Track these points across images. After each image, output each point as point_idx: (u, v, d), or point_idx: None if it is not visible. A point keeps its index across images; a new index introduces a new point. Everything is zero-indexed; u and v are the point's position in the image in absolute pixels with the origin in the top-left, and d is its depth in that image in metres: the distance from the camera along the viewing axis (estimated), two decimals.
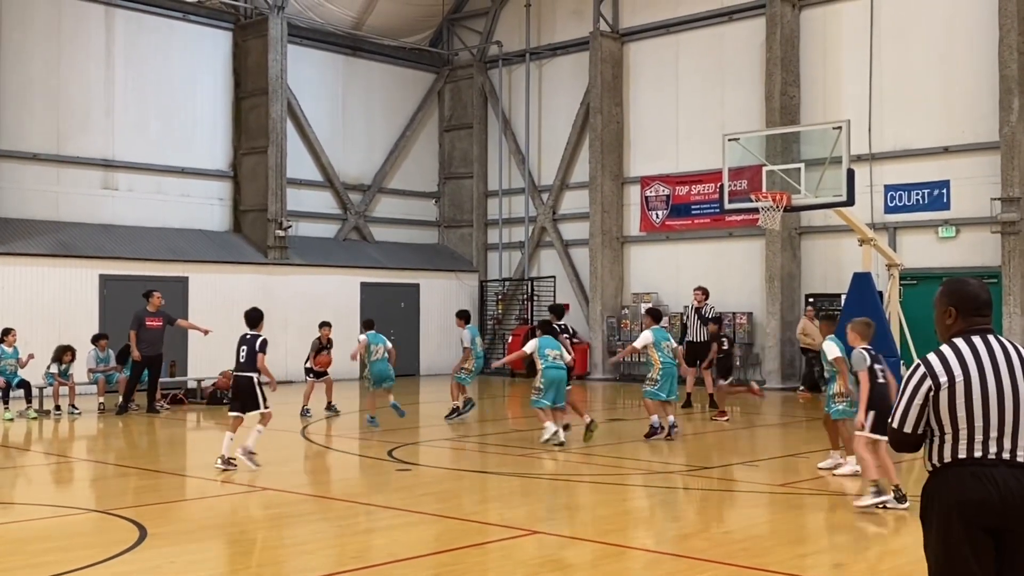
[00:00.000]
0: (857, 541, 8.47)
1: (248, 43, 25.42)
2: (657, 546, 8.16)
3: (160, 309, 18.34)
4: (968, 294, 4.25)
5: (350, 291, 26.00)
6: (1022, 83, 19.82)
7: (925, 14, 21.52)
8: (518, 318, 28.26)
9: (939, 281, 21.80)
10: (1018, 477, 3.99)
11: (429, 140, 30.07)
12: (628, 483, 11.14)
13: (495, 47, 29.27)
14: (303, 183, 26.66)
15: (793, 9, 23.25)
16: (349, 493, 10.25)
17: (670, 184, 25.44)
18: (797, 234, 23.14)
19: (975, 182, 20.64)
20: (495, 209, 29.38)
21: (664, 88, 25.65)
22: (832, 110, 22.18)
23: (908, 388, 4.16)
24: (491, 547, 8.03)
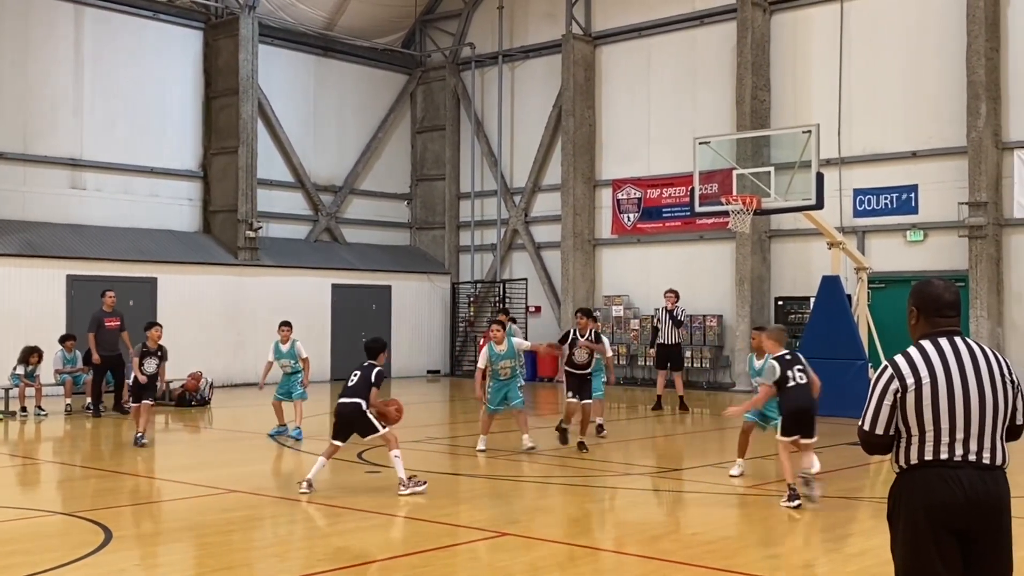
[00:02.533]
0: (825, 542, 8.53)
1: (219, 43, 25.26)
2: (626, 548, 8.17)
3: (115, 309, 18.23)
4: (931, 295, 4.27)
5: (321, 293, 25.90)
6: (990, 88, 20.04)
7: (894, 20, 21.72)
8: (490, 320, 28.17)
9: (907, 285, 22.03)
10: (984, 479, 4.02)
11: (401, 142, 30.01)
12: (598, 485, 11.15)
13: (468, 49, 29.25)
14: (274, 184, 26.53)
15: (764, 14, 23.40)
16: (318, 495, 10.19)
17: (641, 187, 25.53)
18: (767, 237, 23.28)
19: (943, 186, 20.84)
20: (467, 211, 29.36)
21: (636, 91, 25.74)
22: (802, 114, 22.33)
23: (876, 390, 4.17)
24: (460, 549, 8.02)
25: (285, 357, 14.61)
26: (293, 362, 14.61)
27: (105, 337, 17.80)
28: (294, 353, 14.59)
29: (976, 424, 4.05)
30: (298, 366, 14.63)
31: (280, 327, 14.89)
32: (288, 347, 14.62)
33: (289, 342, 14.65)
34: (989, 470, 4.05)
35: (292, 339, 14.71)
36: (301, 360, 14.62)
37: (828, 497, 10.29)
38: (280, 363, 14.65)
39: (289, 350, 14.61)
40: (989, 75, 20.02)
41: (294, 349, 14.61)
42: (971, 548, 4.03)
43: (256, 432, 15.27)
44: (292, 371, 14.60)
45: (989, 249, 19.99)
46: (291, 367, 14.60)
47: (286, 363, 14.61)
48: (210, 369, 21.08)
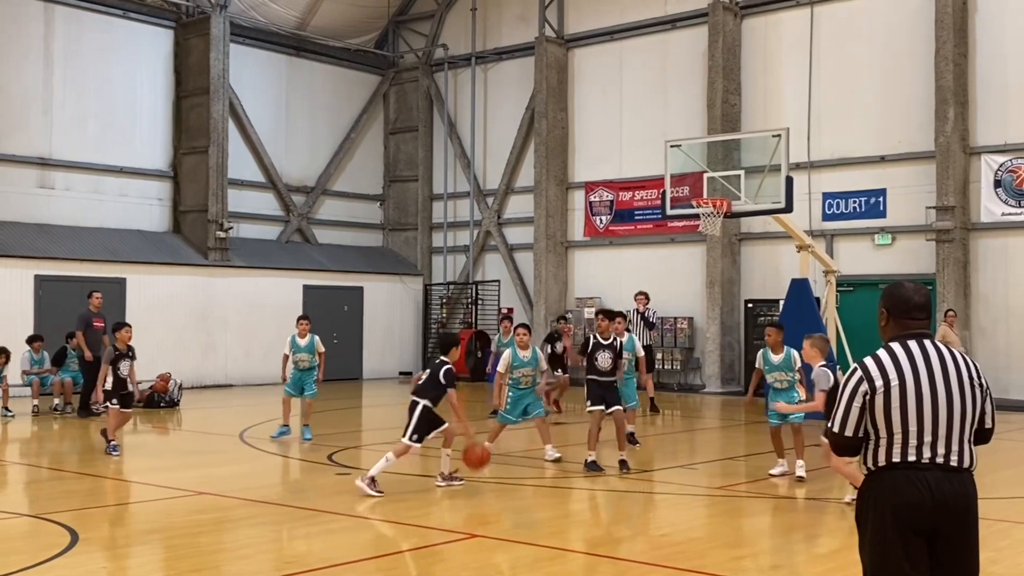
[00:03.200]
0: (793, 543, 8.59)
1: (189, 41, 25.11)
2: (595, 549, 8.20)
3: (100, 310, 18.14)
4: (899, 297, 4.29)
5: (292, 293, 25.78)
6: (957, 94, 20.27)
7: (864, 25, 21.92)
8: (462, 322, 28.24)
9: (875, 288, 22.27)
10: (951, 481, 4.06)
11: (374, 142, 29.95)
12: (568, 486, 11.18)
13: (441, 50, 29.24)
14: (245, 184, 26.40)
15: (735, 18, 23.55)
16: (287, 497, 10.16)
17: (614, 190, 25.62)
18: (737, 240, 23.42)
19: (911, 191, 21.06)
20: (440, 212, 29.35)
21: (608, 94, 25.83)
22: (772, 118, 22.48)
23: (846, 392, 4.20)
24: (432, 550, 8.02)
25: (303, 351, 14.28)
26: (311, 357, 14.31)
27: (93, 337, 17.72)
28: (312, 347, 14.29)
29: (944, 427, 4.08)
30: (315, 362, 14.34)
31: (299, 321, 14.59)
32: (307, 341, 14.29)
33: (308, 336, 14.32)
34: (956, 472, 4.08)
35: (311, 333, 14.41)
36: (318, 355, 14.36)
37: (796, 498, 10.38)
38: (296, 357, 14.29)
39: (308, 344, 14.29)
40: (957, 81, 20.25)
41: (312, 343, 14.31)
42: (938, 549, 4.06)
43: (226, 434, 15.19)
44: (308, 367, 14.32)
45: (956, 253, 20.21)
46: (308, 362, 14.32)
47: (304, 357, 14.28)
48: (179, 370, 20.96)
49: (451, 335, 10.91)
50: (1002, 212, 20.21)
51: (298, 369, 14.33)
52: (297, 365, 14.31)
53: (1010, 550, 7.90)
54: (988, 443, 4.28)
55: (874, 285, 20.86)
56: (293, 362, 14.33)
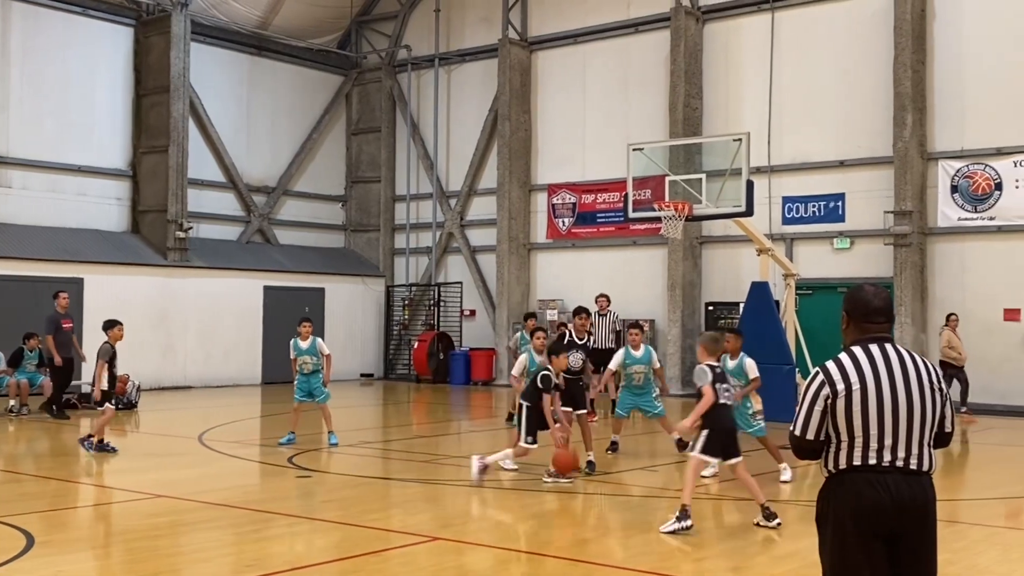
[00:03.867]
0: (753, 545, 8.65)
1: (150, 40, 24.87)
2: (558, 551, 8.21)
3: (68, 311, 17.99)
4: (859, 300, 4.31)
5: (253, 294, 25.61)
6: (916, 100, 20.54)
7: (824, 31, 22.16)
8: (424, 324, 28.20)
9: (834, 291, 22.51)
10: (911, 484, 4.09)
11: (336, 143, 29.83)
12: (531, 488, 11.19)
13: (404, 51, 29.18)
14: (205, 184, 26.18)
15: (697, 23, 23.70)
16: (247, 500, 10.08)
17: (576, 192, 25.69)
18: (698, 243, 23.57)
19: (869, 195, 21.30)
20: (402, 214, 29.27)
21: (571, 97, 25.90)
22: (733, 122, 22.66)
23: (808, 395, 4.22)
24: (392, 554, 7.99)
25: (306, 354, 14.08)
26: (315, 359, 14.10)
27: (63, 339, 17.50)
28: (315, 350, 14.11)
29: (904, 430, 4.11)
30: (319, 364, 14.15)
31: (301, 323, 14.38)
32: (308, 344, 14.10)
33: (309, 339, 14.14)
34: (916, 475, 4.12)
35: (312, 336, 14.25)
36: (324, 357, 14.19)
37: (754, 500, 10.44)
38: (300, 360, 14.09)
39: (310, 347, 14.10)
40: (915, 87, 20.52)
41: (315, 346, 14.14)
42: (897, 551, 4.10)
43: (185, 436, 15.05)
44: (313, 369, 14.10)
45: (914, 257, 20.47)
46: (313, 365, 14.09)
47: (307, 360, 14.07)
48: (138, 372, 20.71)
49: (558, 344, 11.22)
50: (959, 217, 20.50)
51: (303, 373, 14.12)
52: (301, 369, 14.11)
53: (965, 552, 8.01)
54: (947, 446, 4.32)
55: (833, 288, 21.09)
56: (298, 366, 14.14)
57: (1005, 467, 13.41)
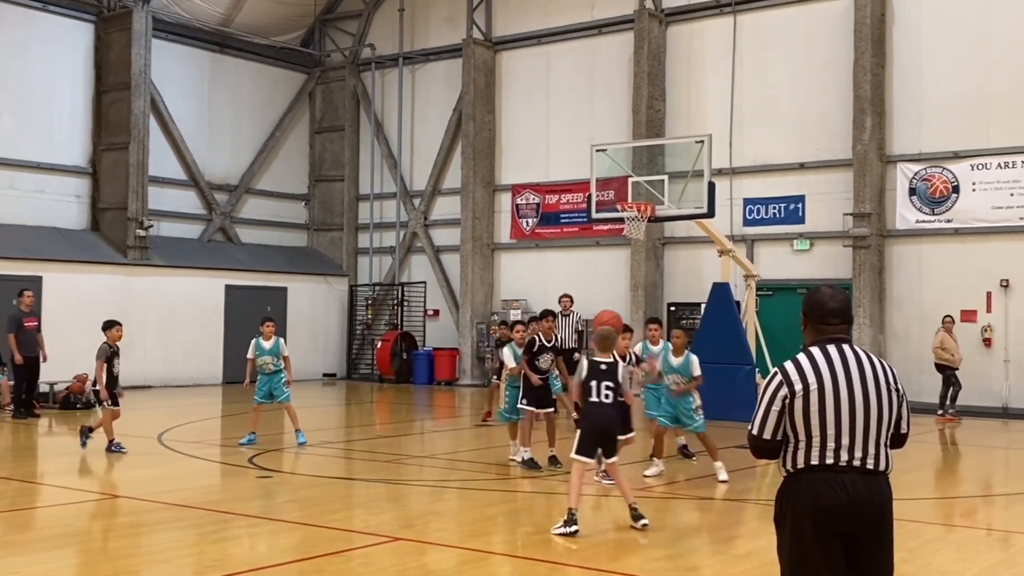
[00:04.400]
0: (711, 544, 8.73)
1: (111, 36, 24.62)
2: (518, 551, 8.25)
3: (32, 308, 17.78)
4: (816, 302, 4.36)
5: (214, 293, 25.43)
6: (875, 103, 20.79)
7: (785, 35, 22.37)
8: (388, 323, 28.14)
9: (794, 292, 22.69)
10: (867, 483, 4.13)
11: (299, 141, 29.68)
12: (493, 488, 11.22)
13: (368, 50, 29.10)
14: (166, 181, 25.96)
15: (660, 25, 23.84)
16: (207, 501, 10.02)
17: (540, 192, 25.76)
18: (660, 244, 23.72)
19: (829, 197, 21.54)
20: (366, 213, 29.20)
21: (536, 97, 25.96)
22: (696, 124, 22.82)
23: (766, 395, 4.25)
24: (353, 554, 7.98)
25: (268, 354, 13.93)
26: (275, 360, 13.97)
27: (25, 337, 17.28)
28: (277, 350, 13.97)
29: (861, 430, 4.14)
30: (279, 364, 14.00)
31: (264, 323, 14.22)
32: (271, 344, 13.96)
33: (272, 339, 14.01)
34: (872, 475, 4.15)
35: (276, 336, 14.12)
36: (283, 358, 14.04)
37: (715, 499, 10.55)
38: (261, 361, 13.92)
39: (273, 347, 13.96)
40: (875, 90, 20.77)
41: (278, 346, 14.00)
42: (855, 550, 4.14)
43: (144, 436, 14.92)
44: (275, 370, 13.96)
45: (872, 259, 20.72)
46: (273, 365, 13.96)
47: (268, 360, 13.92)
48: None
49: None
50: (916, 219, 20.79)
51: (264, 373, 13.98)
52: (262, 369, 13.98)
53: (920, 550, 8.13)
54: (903, 447, 4.36)
55: (793, 289, 21.30)
56: (258, 366, 13.99)
57: (960, 466, 13.62)
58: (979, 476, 12.95)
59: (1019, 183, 19.74)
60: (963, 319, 19.92)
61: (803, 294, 4.58)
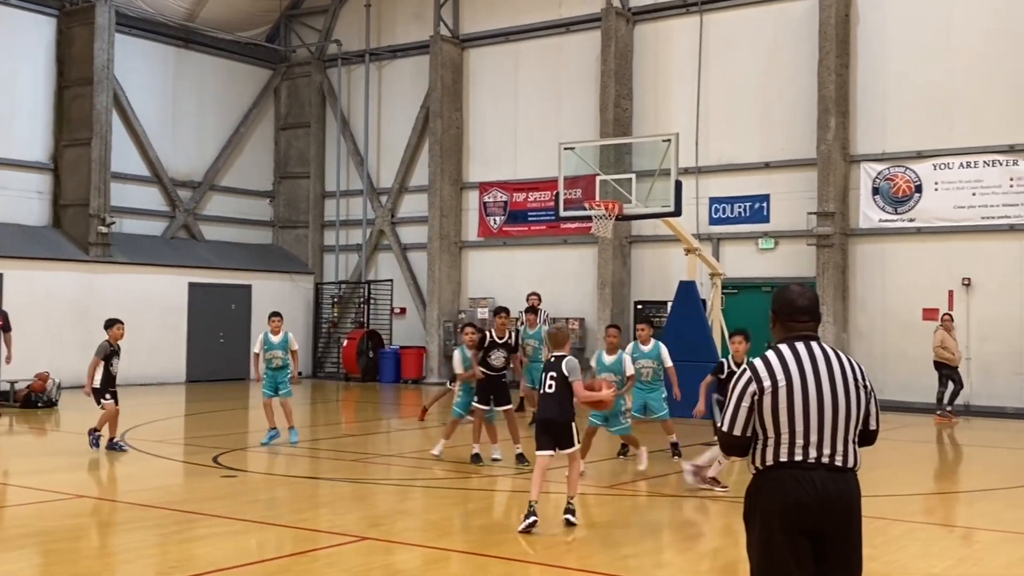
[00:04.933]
0: (679, 542, 8.76)
1: (73, 30, 24.29)
2: (485, 549, 8.22)
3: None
4: (784, 300, 4.38)
5: (177, 292, 25.17)
6: (839, 104, 20.96)
7: (750, 35, 22.49)
8: (354, 322, 28.01)
9: (759, 290, 22.83)
10: (835, 480, 4.15)
11: (264, 138, 29.46)
12: (459, 487, 11.19)
13: (334, 46, 28.94)
14: (129, 178, 25.67)
15: (627, 24, 23.89)
16: (171, 500, 9.91)
17: (508, 190, 25.73)
18: (628, 242, 23.77)
19: (793, 197, 21.68)
20: (332, 210, 29.04)
21: (503, 95, 25.93)
22: (663, 123, 22.89)
23: (736, 392, 4.26)
24: (319, 554, 7.92)
25: (276, 348, 13.82)
26: (284, 354, 13.86)
27: None
28: (286, 344, 13.87)
29: (829, 427, 4.16)
30: (288, 359, 13.91)
31: (271, 317, 14.15)
32: (280, 338, 13.86)
33: (281, 333, 13.91)
34: (841, 472, 4.17)
35: (284, 330, 14.04)
36: (291, 352, 13.94)
37: (682, 496, 10.59)
38: (270, 355, 13.81)
39: (281, 341, 13.86)
40: (839, 90, 20.93)
41: (287, 340, 13.91)
42: (823, 547, 4.15)
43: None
44: (282, 364, 13.85)
45: (836, 257, 20.89)
46: (282, 360, 13.85)
47: (277, 355, 13.81)
48: (58, 369, 20.25)
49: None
50: (879, 219, 20.98)
51: (271, 368, 13.86)
52: (270, 363, 13.87)
53: (886, 547, 8.20)
54: (873, 444, 4.37)
55: (758, 288, 21.43)
56: (266, 360, 13.88)
57: (925, 463, 13.76)
58: (944, 473, 13.09)
59: (981, 183, 19.98)
60: (925, 317, 20.12)
61: (768, 292, 4.60)
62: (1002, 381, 19.69)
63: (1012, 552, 8.27)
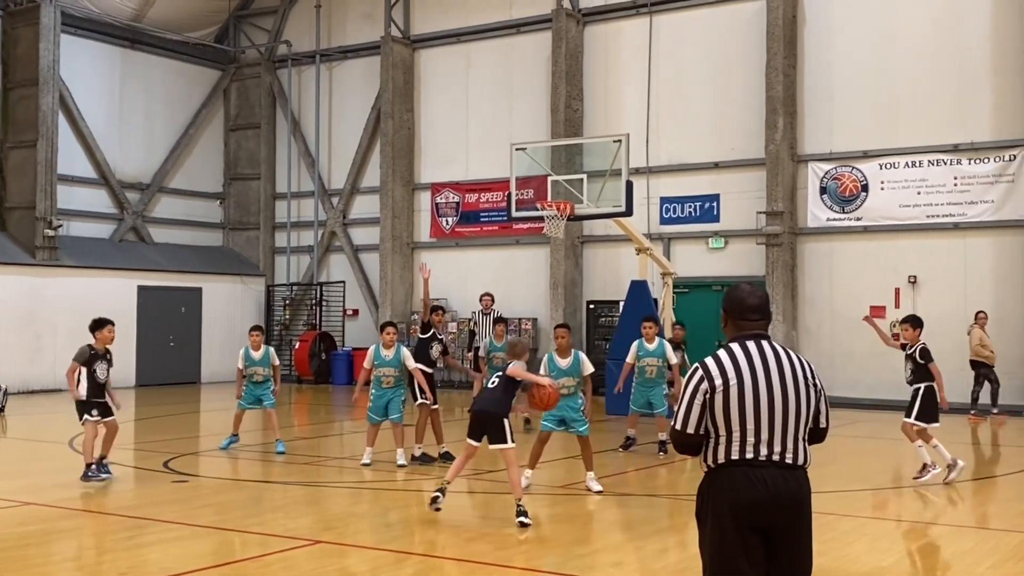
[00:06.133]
0: (633, 540, 8.82)
1: (17, 31, 23.91)
2: (440, 551, 8.23)
3: None
4: (734, 299, 4.43)
5: (126, 295, 24.85)
6: (787, 104, 21.22)
7: (700, 36, 22.68)
8: (306, 323, 27.84)
9: (709, 289, 22.99)
10: (786, 478, 4.20)
11: (214, 139, 29.18)
12: (413, 489, 11.18)
13: (284, 47, 28.74)
14: (75, 180, 25.31)
15: (577, 25, 23.99)
16: (121, 506, 9.80)
17: (460, 191, 25.73)
18: (580, 243, 23.87)
19: (743, 196, 21.91)
20: (283, 212, 28.84)
21: (455, 96, 25.92)
22: (613, 124, 23.03)
23: (688, 390, 4.30)
24: (272, 559, 7.87)
25: (258, 364, 13.69)
26: (266, 370, 13.73)
27: None
28: (268, 360, 13.75)
29: (780, 425, 4.21)
30: (270, 374, 13.77)
31: (251, 332, 13.93)
32: (261, 354, 13.75)
33: (262, 349, 13.80)
34: (791, 469, 4.23)
35: (264, 345, 13.91)
36: (273, 367, 13.80)
37: (634, 495, 10.66)
38: (251, 371, 13.68)
39: (263, 357, 13.74)
40: (786, 91, 21.19)
41: (268, 355, 13.79)
42: (774, 543, 4.20)
43: (54, 441, 14.54)
44: (263, 379, 13.74)
45: (785, 256, 21.14)
46: (263, 375, 13.74)
47: (259, 371, 13.69)
48: (4, 375, 19.94)
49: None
50: (827, 218, 21.27)
51: (252, 383, 13.75)
52: (251, 378, 13.74)
53: (835, 542, 8.32)
54: (823, 441, 4.43)
55: (708, 287, 21.63)
56: (247, 375, 13.76)
57: (872, 459, 13.97)
58: (893, 468, 13.30)
59: (926, 182, 20.33)
60: (872, 315, 20.36)
61: (719, 291, 4.66)
62: (947, 377, 19.97)
63: (957, 545, 8.44)
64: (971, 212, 19.91)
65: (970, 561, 7.78)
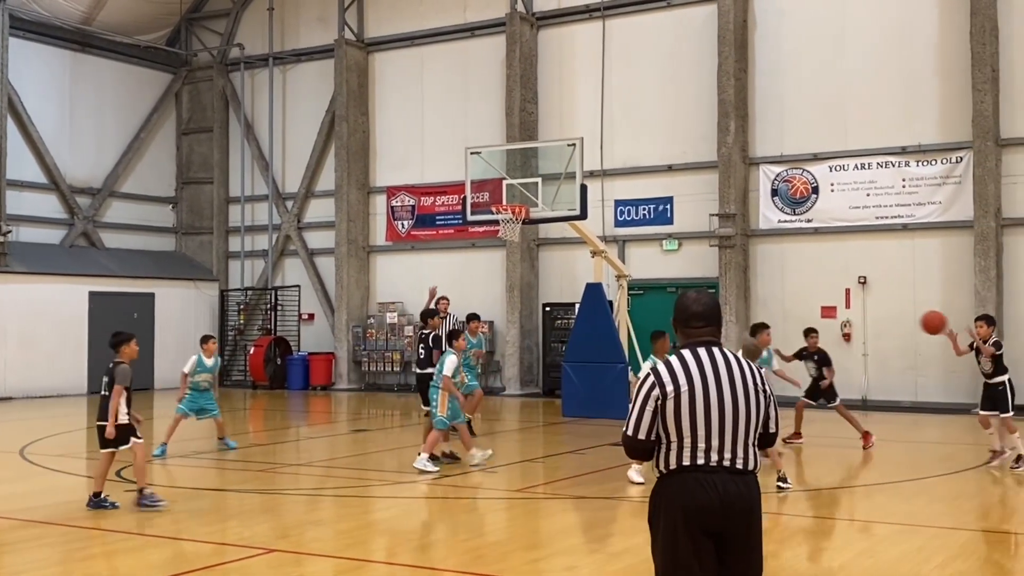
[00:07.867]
0: (588, 544, 8.88)
1: None
2: (397, 558, 8.24)
3: None
4: (680, 307, 4.50)
5: (77, 301, 24.55)
6: (738, 107, 21.44)
7: (652, 39, 22.86)
8: (261, 328, 27.66)
9: (664, 291, 23.15)
10: (737, 483, 4.27)
11: (166, 143, 28.91)
12: (370, 495, 11.17)
13: (236, 50, 28.54)
14: (24, 185, 24.97)
15: (531, 28, 24.08)
16: (73, 517, 9.69)
17: (416, 194, 25.70)
18: (535, 246, 23.95)
19: (695, 199, 22.12)
20: (237, 216, 28.63)
21: (410, 99, 25.89)
22: (568, 127, 23.13)
23: (639, 396, 4.35)
24: (228, 568, 7.84)
25: (208, 371, 13.76)
26: (212, 377, 13.85)
27: None
28: (216, 368, 13.86)
29: (730, 431, 4.27)
30: (212, 382, 13.91)
31: (206, 340, 13.98)
32: (213, 362, 13.80)
33: (213, 357, 13.85)
34: (742, 474, 4.29)
35: (216, 355, 13.95)
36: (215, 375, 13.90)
37: (590, 498, 10.74)
38: (200, 378, 13.70)
39: (214, 365, 13.82)
40: (738, 94, 21.42)
41: (216, 364, 13.90)
42: (725, 548, 4.27)
43: (4, 450, 14.33)
44: (208, 387, 13.80)
45: (737, 258, 21.36)
46: (209, 383, 13.81)
47: (207, 378, 13.76)
48: None
49: None
50: (778, 219, 21.53)
51: (197, 390, 13.75)
52: (198, 386, 13.77)
53: (786, 543, 8.44)
54: (772, 446, 4.54)
55: (663, 289, 21.80)
56: (194, 382, 13.75)
57: (822, 460, 14.16)
58: (842, 468, 13.49)
59: (875, 183, 20.64)
60: (823, 315, 20.69)
61: (673, 293, 4.73)
62: (896, 376, 20.38)
63: (907, 543, 8.59)
64: (919, 213, 20.25)
65: (919, 559, 7.93)
